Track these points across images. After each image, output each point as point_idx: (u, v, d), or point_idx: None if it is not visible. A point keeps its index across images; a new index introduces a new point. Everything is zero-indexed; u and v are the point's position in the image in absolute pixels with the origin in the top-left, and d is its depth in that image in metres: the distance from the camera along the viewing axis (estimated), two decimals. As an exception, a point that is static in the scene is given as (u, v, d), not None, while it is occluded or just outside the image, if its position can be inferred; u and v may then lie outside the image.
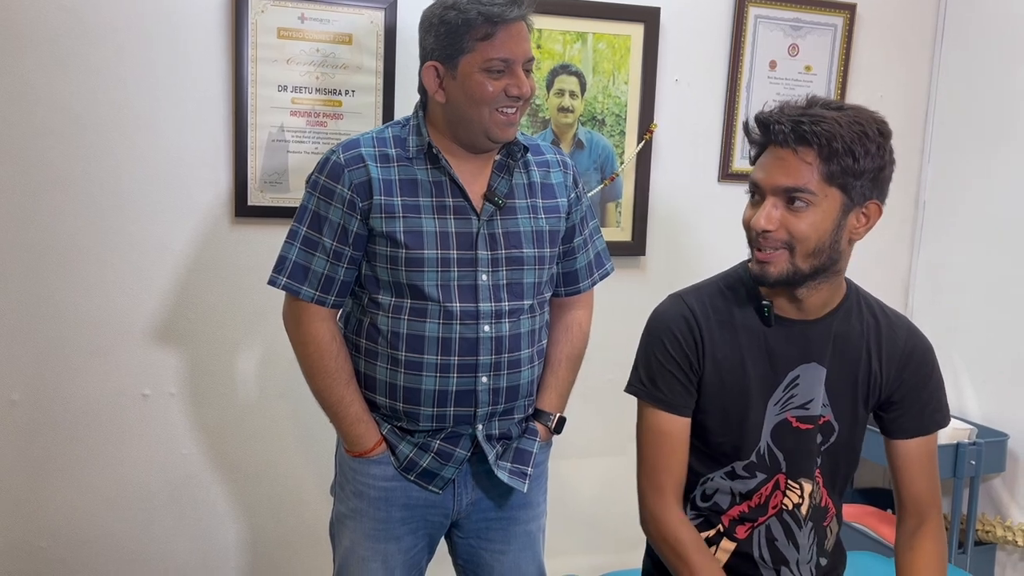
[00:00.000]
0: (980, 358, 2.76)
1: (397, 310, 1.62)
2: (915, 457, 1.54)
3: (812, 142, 1.35)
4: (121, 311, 2.22)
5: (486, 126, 1.58)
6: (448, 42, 1.57)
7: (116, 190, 2.18)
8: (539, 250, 1.68)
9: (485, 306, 1.62)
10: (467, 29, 1.54)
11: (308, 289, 1.62)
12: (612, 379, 1.90)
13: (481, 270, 1.62)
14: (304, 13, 2.22)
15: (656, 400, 1.51)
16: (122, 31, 2.13)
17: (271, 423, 2.38)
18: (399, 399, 1.64)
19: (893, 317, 1.57)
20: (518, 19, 1.56)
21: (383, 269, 1.62)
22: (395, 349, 1.62)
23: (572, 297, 1.82)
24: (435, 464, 1.67)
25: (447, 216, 1.61)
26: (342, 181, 1.59)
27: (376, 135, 1.66)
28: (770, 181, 1.38)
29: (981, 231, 2.74)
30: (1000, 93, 2.68)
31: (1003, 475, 2.67)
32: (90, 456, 2.25)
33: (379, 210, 1.59)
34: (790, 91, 2.70)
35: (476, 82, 1.56)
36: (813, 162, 1.36)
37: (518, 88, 1.56)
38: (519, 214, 1.67)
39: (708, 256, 2.50)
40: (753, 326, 1.50)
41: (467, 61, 1.56)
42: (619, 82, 2.52)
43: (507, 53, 1.55)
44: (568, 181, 1.76)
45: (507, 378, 1.66)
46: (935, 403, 1.55)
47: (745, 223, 1.43)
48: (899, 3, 2.81)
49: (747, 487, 1.53)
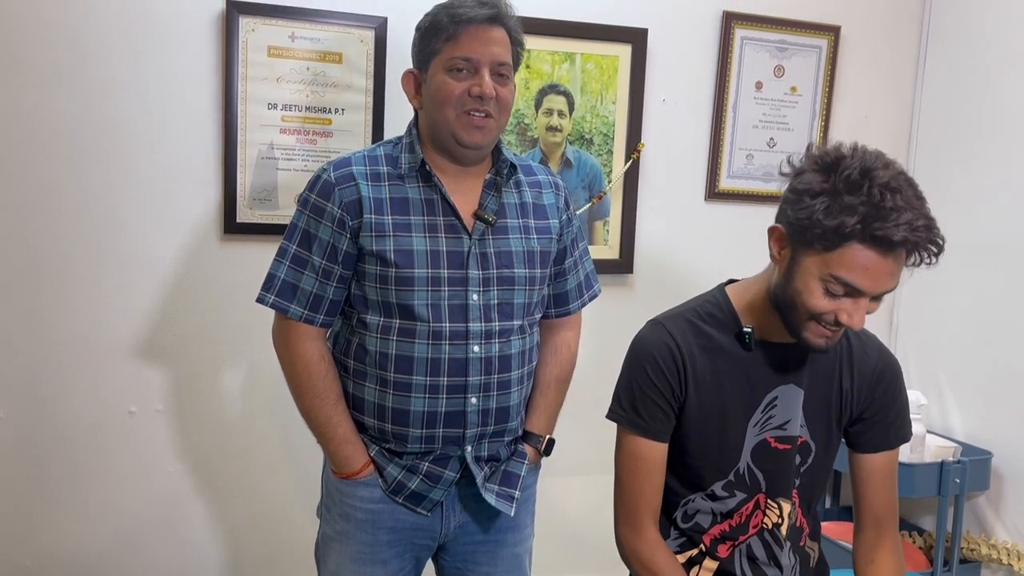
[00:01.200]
0: (964, 376, 2.78)
1: (386, 330, 1.61)
2: (878, 471, 1.57)
3: (921, 252, 1.32)
4: (108, 327, 2.22)
5: (452, 128, 1.57)
6: (422, 46, 1.61)
7: (105, 206, 2.18)
8: (530, 270, 1.67)
9: (475, 326, 1.61)
10: (436, 31, 1.57)
11: (296, 307, 1.61)
12: (600, 397, 1.90)
13: (472, 289, 1.61)
14: (294, 32, 2.23)
15: (635, 426, 1.51)
16: (113, 48, 2.14)
17: (258, 441, 2.37)
18: (388, 420, 1.63)
19: (863, 336, 1.58)
20: (485, 21, 1.56)
21: (372, 288, 1.60)
22: (384, 370, 1.61)
23: (561, 319, 1.82)
24: (423, 486, 1.65)
25: (438, 235, 1.60)
26: (332, 199, 1.59)
27: (368, 153, 1.66)
28: (877, 288, 1.33)
29: (965, 250, 2.76)
30: (982, 114, 2.72)
31: (987, 493, 2.68)
32: (75, 473, 2.24)
33: (369, 228, 1.58)
34: (776, 111, 2.74)
35: (439, 82, 1.57)
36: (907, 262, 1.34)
37: (479, 88, 1.55)
38: (510, 234, 1.66)
39: (695, 274, 2.52)
40: (732, 350, 1.51)
41: (435, 63, 1.58)
42: (607, 102, 2.54)
43: (469, 52, 1.56)
44: (560, 203, 1.76)
45: (497, 399, 1.65)
46: (901, 419, 1.58)
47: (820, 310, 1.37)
48: (882, 25, 2.85)
49: (727, 507, 1.54)
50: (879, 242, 1.28)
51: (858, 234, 1.29)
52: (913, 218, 1.27)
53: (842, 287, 1.33)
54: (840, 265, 1.32)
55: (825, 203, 1.31)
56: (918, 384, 2.88)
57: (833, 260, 1.32)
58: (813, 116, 2.79)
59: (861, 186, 1.29)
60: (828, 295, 1.35)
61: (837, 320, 1.36)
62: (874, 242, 1.28)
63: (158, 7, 2.15)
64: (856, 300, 1.34)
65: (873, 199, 1.28)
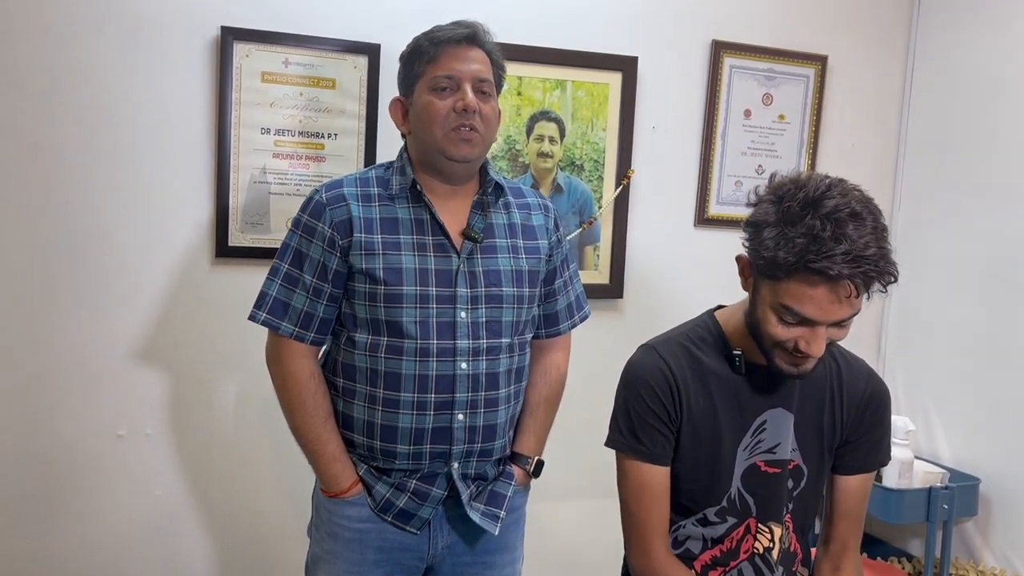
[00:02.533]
0: (952, 402, 2.80)
1: (374, 348, 1.63)
2: (853, 492, 1.58)
3: (870, 283, 1.31)
4: (97, 351, 2.21)
5: (440, 145, 1.62)
6: (405, 72, 1.68)
7: (97, 229, 2.18)
8: (518, 289, 1.69)
9: (463, 343, 1.63)
10: (417, 56, 1.64)
11: (288, 325, 1.64)
12: (590, 421, 1.91)
13: (460, 307, 1.63)
14: (288, 57, 2.25)
15: (638, 453, 1.51)
16: (108, 72, 2.15)
17: (248, 464, 2.36)
18: (376, 437, 1.65)
19: (852, 361, 1.60)
20: (463, 40, 1.63)
21: (362, 306, 1.63)
22: (373, 387, 1.63)
23: (551, 340, 1.84)
24: (412, 504, 1.66)
25: (427, 253, 1.63)
26: (323, 219, 1.63)
27: (359, 176, 1.70)
28: (828, 317, 1.34)
29: (952, 277, 2.80)
30: (968, 141, 2.76)
31: (975, 519, 2.69)
32: (63, 498, 2.23)
33: (359, 247, 1.61)
34: (764, 139, 2.77)
35: (424, 102, 1.62)
36: (861, 294, 1.34)
37: (463, 102, 1.59)
38: (499, 253, 1.69)
39: (684, 299, 2.52)
40: (723, 374, 1.52)
41: (419, 86, 1.64)
42: (597, 128, 2.56)
43: (450, 70, 1.61)
44: (549, 224, 1.79)
45: (484, 416, 1.66)
46: (882, 444, 1.60)
47: (779, 338, 1.38)
48: (869, 55, 2.89)
49: (718, 532, 1.54)
50: (818, 274, 1.29)
51: (797, 267, 1.30)
52: (854, 249, 1.27)
53: (793, 316, 1.35)
54: (787, 295, 1.33)
55: (772, 234, 1.32)
56: (906, 410, 2.90)
57: (781, 290, 1.34)
58: (801, 144, 2.82)
59: (803, 217, 1.30)
60: (783, 324, 1.36)
61: (796, 347, 1.37)
62: (814, 274, 1.29)
63: (153, 32, 2.17)
64: (812, 328, 1.35)
65: (813, 230, 1.28)
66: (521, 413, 1.79)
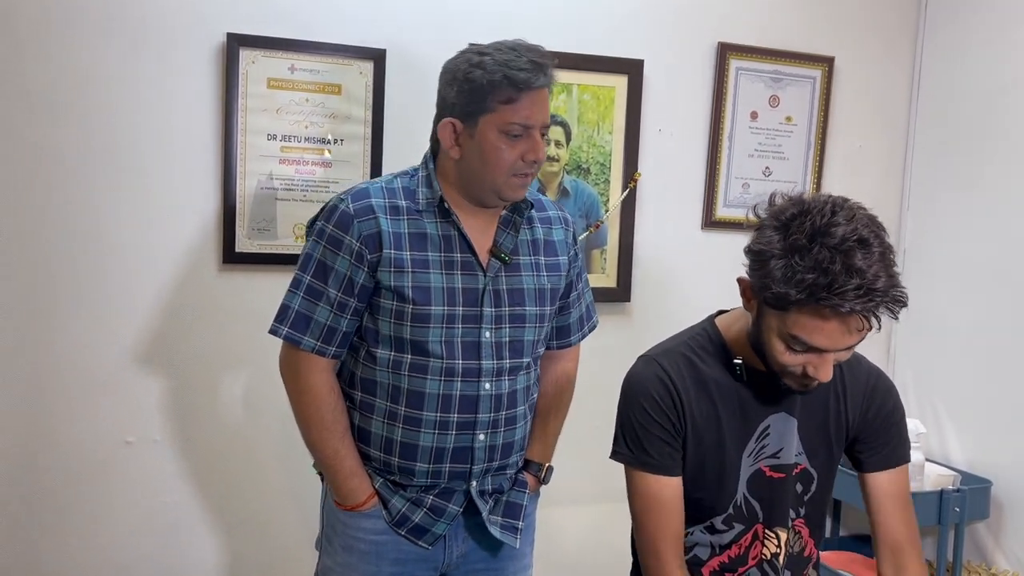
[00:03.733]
0: (962, 404, 2.78)
1: (397, 365, 1.60)
2: (886, 492, 1.55)
3: (880, 313, 1.31)
4: (105, 357, 2.22)
5: (499, 188, 1.58)
6: (469, 100, 1.55)
7: (103, 235, 2.19)
8: (540, 308, 1.68)
9: (487, 363, 1.61)
10: (491, 90, 1.52)
11: (309, 339, 1.59)
12: (598, 426, 1.90)
13: (485, 327, 1.61)
14: (294, 64, 2.26)
15: (646, 465, 1.50)
16: (115, 79, 2.16)
17: (257, 471, 2.36)
18: (395, 454, 1.63)
19: (852, 358, 1.58)
20: (543, 87, 1.56)
21: (386, 323, 1.59)
22: (394, 403, 1.61)
23: (562, 350, 1.83)
24: (427, 520, 1.65)
25: (454, 272, 1.60)
26: (351, 232, 1.57)
27: (385, 185, 1.64)
28: (838, 346, 1.33)
29: (962, 277, 2.78)
30: (977, 142, 2.74)
31: (987, 521, 2.67)
32: (72, 504, 2.23)
33: (388, 264, 1.56)
34: (771, 141, 2.76)
35: (492, 145, 1.54)
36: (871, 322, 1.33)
37: (534, 153, 1.55)
38: (523, 271, 1.66)
39: (692, 301, 2.49)
40: (724, 381, 1.51)
41: (486, 121, 1.54)
42: (603, 132, 2.56)
43: (528, 119, 1.54)
44: (569, 238, 1.77)
45: (503, 435, 1.65)
46: (898, 438, 1.57)
47: (787, 365, 1.37)
48: (875, 56, 2.88)
49: (725, 539, 1.53)
50: (833, 310, 1.27)
51: (806, 302, 1.28)
52: (864, 283, 1.25)
53: (802, 346, 1.33)
54: (796, 326, 1.32)
55: (779, 266, 1.30)
56: (916, 412, 2.88)
57: (790, 321, 1.32)
58: (808, 145, 2.81)
59: (810, 249, 1.27)
60: (791, 351, 1.35)
61: (805, 372, 1.37)
62: (827, 307, 1.27)
63: (159, 39, 2.18)
64: (821, 355, 1.34)
65: (822, 264, 1.26)
66: (532, 421, 1.78)
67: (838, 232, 1.27)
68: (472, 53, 1.56)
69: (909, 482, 1.59)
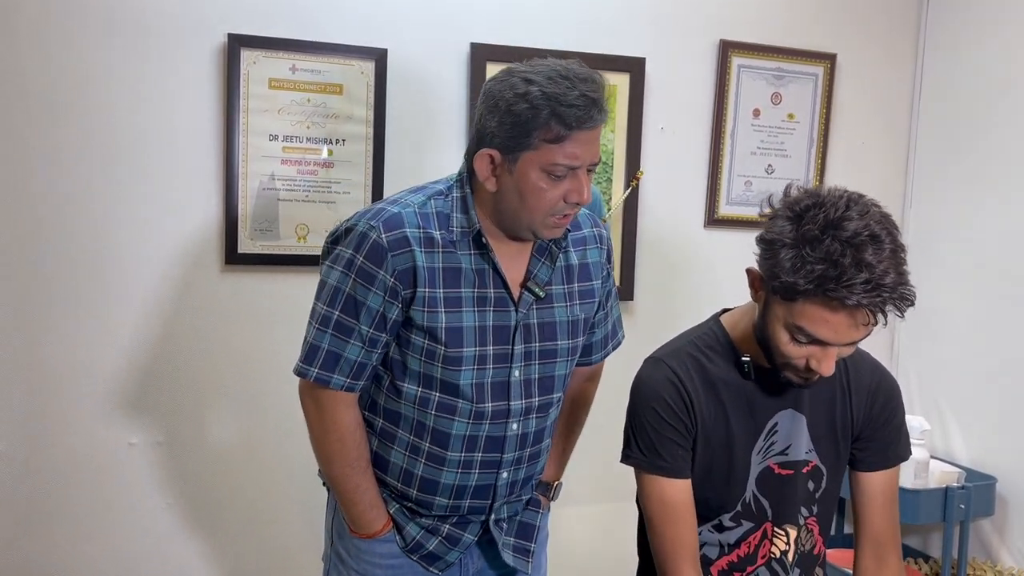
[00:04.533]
0: (966, 401, 2.78)
1: (424, 402, 1.52)
2: (878, 491, 1.55)
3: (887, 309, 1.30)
4: (109, 358, 2.22)
5: (535, 228, 1.46)
6: (512, 133, 1.39)
7: (105, 237, 2.19)
8: (572, 340, 1.60)
9: (516, 404, 1.54)
10: (536, 125, 1.37)
11: (339, 377, 1.49)
12: (602, 426, 1.90)
13: (515, 366, 1.53)
14: (295, 64, 2.25)
15: (659, 469, 1.48)
16: (116, 80, 2.16)
17: (260, 473, 2.36)
18: (414, 487, 1.57)
19: (857, 356, 1.58)
20: (596, 126, 1.41)
21: (415, 360, 1.51)
22: (418, 438, 1.54)
23: (582, 368, 1.76)
24: (441, 548, 1.61)
25: (487, 308, 1.50)
26: (385, 267, 1.44)
27: (418, 209, 1.48)
28: (842, 340, 1.33)
29: (964, 275, 2.78)
30: (979, 139, 2.74)
31: (992, 518, 2.67)
32: (75, 505, 2.23)
33: (422, 303, 1.46)
34: (774, 138, 2.76)
35: (533, 184, 1.40)
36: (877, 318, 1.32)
37: (578, 195, 1.42)
38: (555, 302, 1.57)
39: (696, 299, 2.52)
40: (732, 380, 1.51)
41: (528, 158, 1.39)
42: (606, 130, 2.55)
43: (574, 159, 1.39)
44: (603, 257, 1.67)
45: (526, 470, 1.62)
46: (898, 437, 1.57)
47: (791, 356, 1.37)
48: (877, 52, 2.88)
49: (734, 537, 1.52)
50: (837, 301, 1.27)
51: (814, 293, 1.28)
52: (873, 277, 1.25)
53: (806, 337, 1.33)
54: (802, 317, 1.32)
55: (788, 255, 1.29)
56: (920, 410, 2.88)
57: (796, 312, 1.32)
58: (811, 142, 2.81)
59: (822, 241, 1.27)
60: (795, 342, 1.35)
61: (807, 366, 1.36)
62: (832, 301, 1.27)
63: (161, 40, 2.18)
64: (824, 349, 1.34)
65: (832, 256, 1.26)
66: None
67: (851, 226, 1.27)
68: (519, 79, 1.40)
69: (899, 478, 1.59)
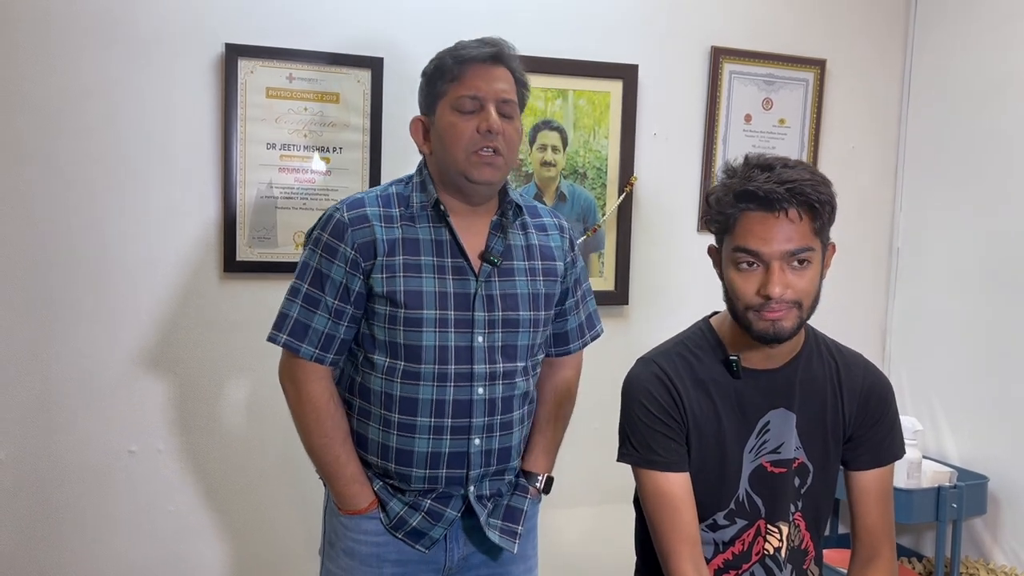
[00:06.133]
0: (958, 401, 2.80)
1: (391, 372, 1.61)
2: (871, 489, 1.58)
3: (803, 202, 1.40)
4: (108, 366, 2.23)
5: (462, 168, 1.58)
6: (427, 92, 1.64)
7: (104, 245, 2.20)
8: (535, 312, 1.68)
9: (480, 368, 1.62)
10: (440, 74, 1.60)
11: (308, 347, 1.61)
12: (597, 428, 1.92)
13: (477, 331, 1.61)
14: (292, 73, 2.28)
15: (653, 463, 1.51)
16: (114, 90, 2.18)
17: (259, 479, 2.37)
18: (391, 460, 1.64)
19: (848, 356, 1.61)
20: (488, 59, 1.59)
21: (381, 328, 1.61)
22: (388, 411, 1.62)
23: (562, 358, 1.83)
24: (425, 524, 1.66)
25: (446, 276, 1.61)
26: (345, 240, 1.59)
27: (380, 193, 1.66)
28: (775, 248, 1.40)
29: (955, 275, 2.81)
30: (968, 141, 2.77)
31: (984, 517, 2.69)
32: (77, 513, 2.24)
33: (380, 270, 1.58)
34: (765, 143, 2.79)
35: (447, 123, 1.59)
36: (801, 219, 1.41)
37: (486, 123, 1.56)
38: (516, 276, 1.67)
39: (689, 304, 2.52)
40: (722, 380, 1.53)
41: (441, 105, 1.60)
42: (599, 137, 2.58)
43: (475, 90, 1.57)
44: (565, 245, 1.77)
45: (499, 439, 1.66)
46: (892, 436, 1.60)
47: (744, 293, 1.44)
48: (867, 58, 2.91)
49: (727, 535, 1.55)
50: (752, 199, 1.41)
51: (735, 202, 1.42)
52: (780, 175, 1.40)
53: (745, 255, 1.43)
54: (736, 237, 1.44)
55: (717, 192, 1.47)
56: (912, 410, 2.90)
57: (731, 239, 1.45)
58: (802, 147, 2.84)
59: (737, 169, 1.46)
60: (741, 273, 1.44)
61: (759, 293, 1.42)
62: (749, 202, 1.41)
63: (158, 50, 2.20)
64: (767, 270, 1.42)
65: (747, 173, 1.43)
66: (531, 430, 1.78)
67: (767, 160, 1.45)
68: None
69: (893, 475, 1.62)
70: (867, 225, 2.97)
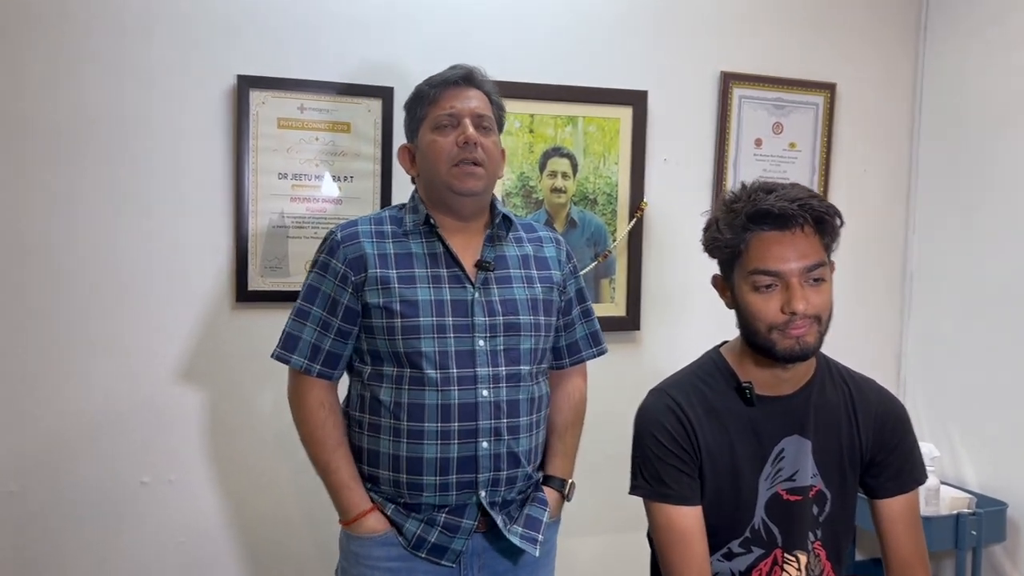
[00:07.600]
0: (975, 426, 2.77)
1: (398, 380, 1.65)
2: (898, 517, 1.56)
3: (815, 217, 1.42)
4: (120, 397, 2.23)
5: (446, 180, 1.68)
6: (409, 119, 1.77)
7: (117, 276, 2.21)
8: (535, 317, 1.73)
9: (483, 371, 1.65)
10: (419, 101, 1.73)
11: (297, 357, 1.69)
12: (612, 455, 1.91)
13: (478, 336, 1.66)
14: (303, 103, 2.29)
15: (665, 496, 1.50)
16: (126, 121, 2.20)
17: (273, 510, 2.36)
18: (402, 470, 1.65)
19: (861, 381, 1.60)
20: (460, 80, 1.71)
21: (382, 341, 1.66)
22: (397, 419, 1.65)
23: (574, 367, 1.89)
24: (444, 538, 1.66)
25: (442, 285, 1.67)
26: (337, 256, 1.68)
27: (373, 216, 1.77)
28: (793, 265, 1.42)
29: (969, 299, 2.79)
30: (980, 163, 2.76)
31: (1004, 544, 2.66)
32: (88, 545, 2.24)
33: (374, 283, 1.66)
34: (776, 167, 2.78)
35: (428, 141, 1.70)
36: (814, 236, 1.44)
37: (464, 135, 1.66)
38: (514, 283, 1.73)
39: (701, 329, 2.51)
40: (735, 408, 1.52)
41: (423, 128, 1.73)
42: (609, 163, 2.59)
43: (450, 108, 1.69)
44: (561, 256, 1.84)
45: (507, 444, 1.67)
46: (912, 461, 1.58)
47: (766, 314, 1.44)
48: (877, 81, 2.91)
49: (744, 564, 1.53)
50: (765, 219, 1.42)
51: (746, 225, 1.44)
52: (786, 193, 1.42)
53: (764, 277, 1.43)
54: (751, 260, 1.44)
55: (718, 220, 1.48)
56: (929, 436, 2.87)
57: (745, 264, 1.45)
58: (813, 171, 2.83)
59: (740, 195, 1.48)
60: (760, 295, 1.44)
61: (783, 311, 1.42)
62: (763, 222, 1.42)
63: (171, 82, 2.22)
64: (788, 287, 1.42)
65: (750, 196, 1.45)
66: (549, 437, 1.82)
67: (765, 183, 1.48)
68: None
69: (919, 501, 1.60)
70: (880, 248, 2.95)
